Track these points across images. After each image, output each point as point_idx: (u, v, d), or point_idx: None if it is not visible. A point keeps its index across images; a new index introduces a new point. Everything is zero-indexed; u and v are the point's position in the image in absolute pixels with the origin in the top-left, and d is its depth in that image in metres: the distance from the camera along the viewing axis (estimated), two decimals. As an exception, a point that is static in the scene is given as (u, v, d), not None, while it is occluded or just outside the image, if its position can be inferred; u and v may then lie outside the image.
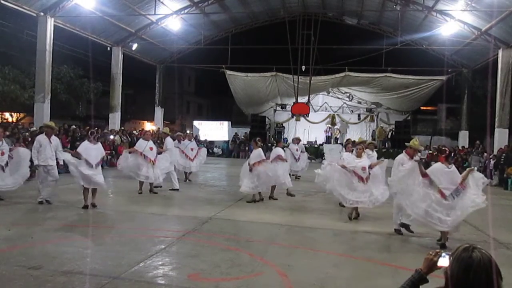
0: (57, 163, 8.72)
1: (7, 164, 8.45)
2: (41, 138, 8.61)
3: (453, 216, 6.00)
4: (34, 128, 15.28)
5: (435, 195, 6.10)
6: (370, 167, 7.78)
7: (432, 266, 1.84)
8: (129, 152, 10.53)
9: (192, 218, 7.55)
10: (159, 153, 10.65)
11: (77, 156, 8.17)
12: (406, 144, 7.30)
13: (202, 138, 25.99)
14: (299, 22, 21.97)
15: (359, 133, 27.58)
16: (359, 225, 7.38)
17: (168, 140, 11.41)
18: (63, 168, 9.66)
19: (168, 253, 5.42)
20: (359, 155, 7.89)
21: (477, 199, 6.03)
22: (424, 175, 6.25)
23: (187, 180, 13.06)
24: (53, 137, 8.62)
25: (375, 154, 9.80)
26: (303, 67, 22.39)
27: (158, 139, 17.87)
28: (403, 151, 7.15)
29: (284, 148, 12.43)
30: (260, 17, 25.19)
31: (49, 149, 8.39)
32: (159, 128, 25.34)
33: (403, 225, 6.80)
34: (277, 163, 9.87)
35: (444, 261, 1.78)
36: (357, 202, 7.67)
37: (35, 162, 8.46)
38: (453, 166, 6.44)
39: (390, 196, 7.43)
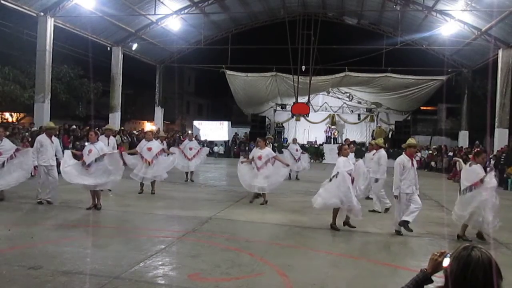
0: (58, 164, 8.65)
1: (3, 164, 8.43)
2: (42, 138, 8.60)
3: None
4: (34, 128, 15.28)
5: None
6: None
7: (437, 266, 1.84)
8: (129, 153, 10.59)
9: (192, 218, 7.54)
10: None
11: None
12: (403, 146, 7.24)
13: (202, 138, 25.99)
14: (299, 22, 21.97)
15: (359, 133, 27.63)
16: (359, 225, 7.37)
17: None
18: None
19: (168, 253, 5.42)
20: (344, 156, 7.21)
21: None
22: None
23: (189, 180, 13.07)
24: (54, 138, 8.61)
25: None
26: (303, 67, 22.39)
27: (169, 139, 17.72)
28: (403, 153, 7.11)
29: (283, 149, 12.47)
30: (260, 17, 25.19)
31: (51, 149, 8.41)
32: (159, 129, 25.35)
33: (403, 223, 6.73)
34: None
35: (449, 261, 1.77)
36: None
37: (35, 163, 8.44)
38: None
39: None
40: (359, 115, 27.54)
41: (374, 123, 27.44)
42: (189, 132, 17.11)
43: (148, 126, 32.14)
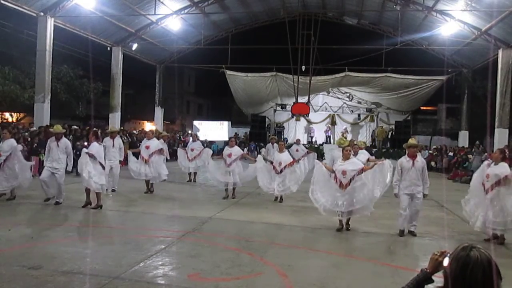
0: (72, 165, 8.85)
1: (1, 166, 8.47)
2: (50, 141, 8.71)
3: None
4: (34, 128, 15.27)
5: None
6: (363, 170, 7.03)
7: (437, 266, 1.83)
8: (132, 152, 10.67)
9: (192, 218, 7.55)
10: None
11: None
12: (404, 146, 7.27)
13: (202, 138, 25.96)
14: (299, 22, 21.93)
15: (359, 133, 27.61)
16: (359, 225, 7.38)
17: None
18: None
19: (168, 253, 5.43)
20: (345, 158, 7.15)
21: None
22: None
23: (192, 181, 13.05)
24: (62, 141, 8.63)
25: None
26: (303, 67, 22.37)
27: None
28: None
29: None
30: (260, 17, 25.18)
31: (56, 152, 8.43)
32: (157, 129, 25.33)
33: (411, 232, 6.86)
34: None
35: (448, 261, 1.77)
36: (333, 212, 7.05)
37: (44, 163, 8.69)
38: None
39: (388, 195, 7.41)
40: (359, 115, 27.50)
41: (374, 123, 27.42)
42: (191, 132, 17.07)
43: (148, 126, 32.15)
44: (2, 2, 15.09)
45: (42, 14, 16.80)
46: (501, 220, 6.35)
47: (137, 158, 10.48)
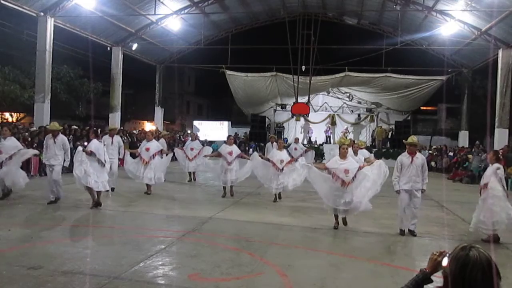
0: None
1: (1, 165, 8.48)
2: (47, 138, 8.75)
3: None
4: (34, 128, 15.28)
5: None
6: (360, 168, 7.16)
7: (436, 266, 1.83)
8: (130, 153, 10.64)
9: (192, 218, 7.55)
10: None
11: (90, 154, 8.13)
12: (404, 142, 7.32)
13: (202, 138, 25.97)
14: (299, 22, 21.95)
15: (360, 133, 27.61)
16: (359, 225, 7.38)
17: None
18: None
19: (168, 253, 5.43)
20: (343, 156, 7.26)
21: None
22: None
23: (192, 180, 13.05)
24: (59, 137, 8.65)
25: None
26: (303, 67, 22.38)
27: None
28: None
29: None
30: (260, 17, 25.19)
31: (53, 149, 8.47)
32: (157, 129, 25.34)
33: (409, 232, 6.86)
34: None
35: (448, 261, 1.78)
36: (334, 209, 7.18)
37: (43, 161, 8.82)
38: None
39: (391, 195, 7.42)
40: (359, 115, 27.50)
41: (374, 123, 27.40)
42: (190, 131, 17.06)
43: (148, 126, 32.16)
44: (2, 2, 15.09)
45: (42, 14, 16.81)
46: (488, 220, 6.38)
47: (134, 158, 10.49)
